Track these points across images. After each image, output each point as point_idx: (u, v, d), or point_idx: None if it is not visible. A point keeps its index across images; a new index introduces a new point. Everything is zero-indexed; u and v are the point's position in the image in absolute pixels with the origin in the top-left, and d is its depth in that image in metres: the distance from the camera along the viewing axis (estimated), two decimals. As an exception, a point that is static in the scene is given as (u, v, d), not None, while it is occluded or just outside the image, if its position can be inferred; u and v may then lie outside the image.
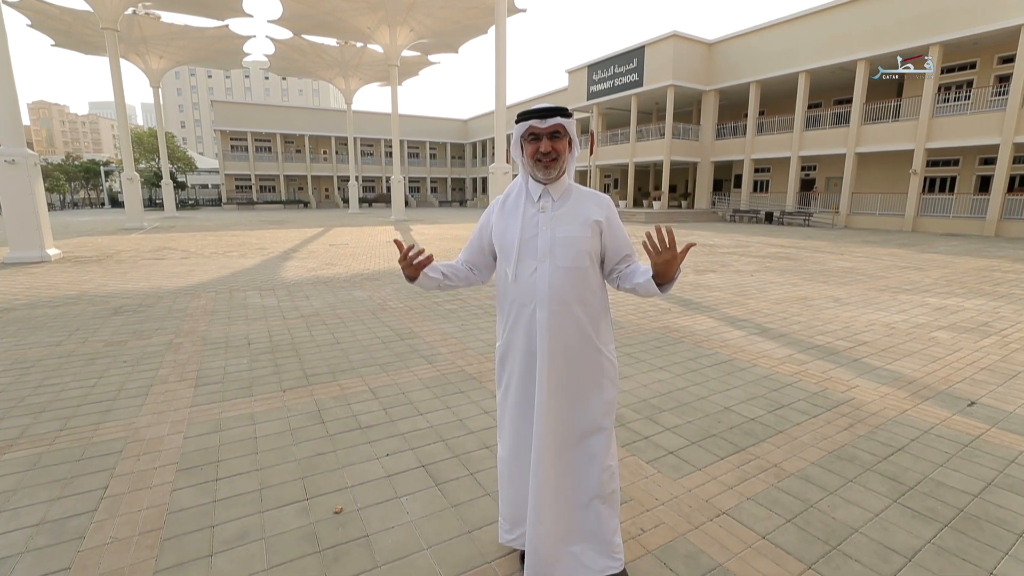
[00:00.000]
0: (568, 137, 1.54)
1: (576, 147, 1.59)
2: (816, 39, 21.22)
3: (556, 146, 1.52)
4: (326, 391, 3.28)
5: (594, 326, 1.57)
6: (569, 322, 1.53)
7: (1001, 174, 16.94)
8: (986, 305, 6.09)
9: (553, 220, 1.55)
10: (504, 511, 1.73)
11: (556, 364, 1.54)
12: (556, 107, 1.51)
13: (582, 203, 1.58)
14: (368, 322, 5.08)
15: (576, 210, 1.56)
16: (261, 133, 44.10)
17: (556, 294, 1.51)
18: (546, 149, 1.50)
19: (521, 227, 1.56)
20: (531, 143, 1.53)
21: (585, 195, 1.61)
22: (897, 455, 2.52)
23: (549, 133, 1.51)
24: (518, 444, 1.63)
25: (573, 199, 1.59)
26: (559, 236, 1.52)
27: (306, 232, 16.90)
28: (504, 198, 1.65)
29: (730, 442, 2.64)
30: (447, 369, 3.70)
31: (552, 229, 1.54)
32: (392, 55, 24.12)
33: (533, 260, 1.54)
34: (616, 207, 1.65)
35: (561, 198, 1.58)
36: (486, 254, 1.72)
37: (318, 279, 7.72)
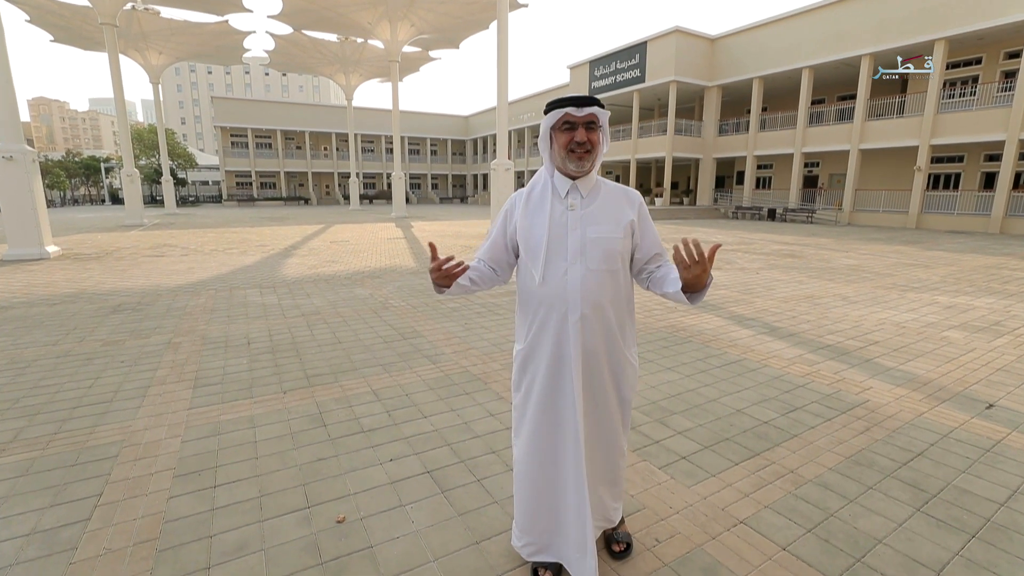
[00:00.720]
0: (601, 129, 1.47)
1: (607, 141, 1.52)
2: (820, 34, 21.04)
3: (591, 137, 1.44)
4: (327, 392, 3.20)
5: (620, 329, 1.53)
6: (601, 326, 1.49)
7: (1007, 171, 16.81)
8: (996, 304, 6.00)
9: (583, 219, 1.47)
10: (520, 518, 1.68)
11: (589, 368, 1.50)
12: (592, 96, 1.44)
13: (613, 200, 1.52)
14: (370, 321, 5.00)
15: (607, 208, 1.50)
16: (261, 129, 43.94)
17: (589, 297, 1.45)
18: (582, 139, 1.43)
19: (549, 226, 1.48)
20: (564, 133, 1.45)
21: (615, 191, 1.54)
22: (917, 460, 2.44)
23: (585, 123, 1.44)
24: (541, 451, 1.57)
25: (603, 196, 1.52)
26: (591, 236, 1.46)
27: (307, 229, 16.81)
28: (528, 193, 1.56)
29: (744, 447, 2.56)
30: (451, 369, 3.62)
31: (583, 229, 1.47)
32: (393, 51, 23.96)
33: (563, 261, 1.46)
34: None
35: (590, 194, 1.51)
36: (508, 252, 1.63)
37: (319, 277, 7.64)
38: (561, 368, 1.51)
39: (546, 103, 1.50)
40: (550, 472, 1.57)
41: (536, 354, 1.54)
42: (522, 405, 1.62)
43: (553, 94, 37.68)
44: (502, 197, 14.99)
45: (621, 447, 1.66)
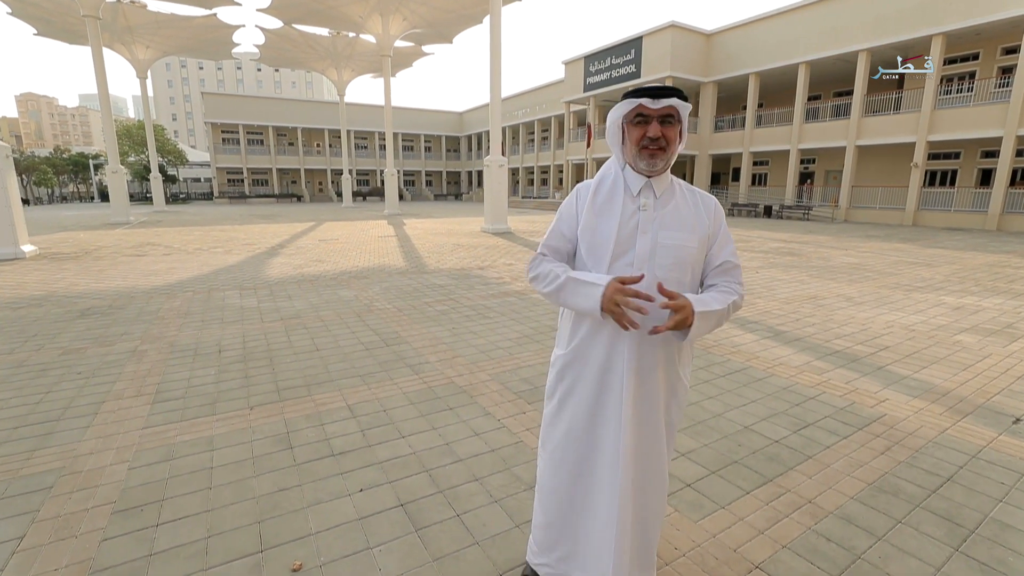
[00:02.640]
0: (680, 125, 1.33)
1: (685, 138, 1.36)
2: (816, 29, 20.82)
3: (667, 133, 1.30)
4: (298, 408, 2.93)
5: (678, 346, 1.40)
6: (662, 340, 1.36)
7: (1004, 167, 16.68)
8: (1005, 304, 5.80)
9: (656, 221, 1.34)
10: (539, 535, 1.56)
11: (642, 385, 1.37)
12: (672, 87, 1.30)
13: (690, 205, 1.38)
14: (352, 325, 4.73)
15: (683, 212, 1.36)
16: (253, 126, 43.36)
17: (652, 308, 1.29)
18: (655, 134, 1.29)
19: (619, 226, 1.34)
20: (638, 126, 1.32)
21: (692, 195, 1.40)
22: (947, 487, 2.20)
23: (661, 116, 1.30)
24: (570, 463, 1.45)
25: (678, 198, 1.38)
26: (663, 242, 1.33)
27: (296, 227, 16.47)
28: (596, 187, 1.41)
29: (754, 471, 2.31)
30: (435, 381, 3.36)
31: (655, 232, 1.34)
32: (385, 45, 23.58)
33: (629, 266, 1.34)
34: None
35: (665, 195, 1.37)
36: (573, 246, 1.46)
37: (303, 277, 7.35)
38: (609, 380, 1.38)
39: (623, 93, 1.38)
40: (579, 491, 1.45)
41: (579, 362, 1.43)
42: (554, 415, 1.50)
43: (548, 90, 37.36)
44: (496, 193, 14.72)
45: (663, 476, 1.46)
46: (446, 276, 7.44)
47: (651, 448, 1.42)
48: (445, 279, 7.19)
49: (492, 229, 14.57)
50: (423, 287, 6.61)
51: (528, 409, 2.92)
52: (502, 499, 2.08)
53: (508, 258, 9.35)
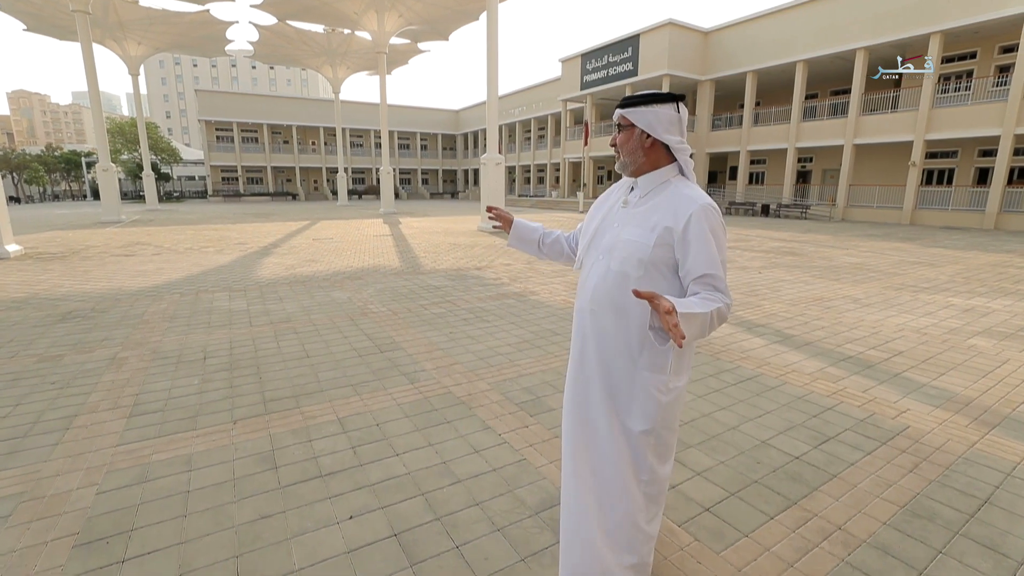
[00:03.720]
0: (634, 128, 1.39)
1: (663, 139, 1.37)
2: (814, 27, 20.71)
3: (617, 137, 1.43)
4: (285, 422, 2.74)
5: (629, 343, 1.38)
6: (605, 331, 1.41)
7: (1001, 166, 16.61)
8: (1016, 306, 5.67)
9: (627, 218, 1.42)
10: None
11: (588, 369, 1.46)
12: (635, 95, 1.38)
13: (665, 204, 1.37)
14: (345, 329, 4.54)
15: (653, 211, 1.38)
16: (247, 123, 42.94)
17: (598, 297, 1.42)
18: (611, 142, 1.46)
19: (602, 218, 1.50)
20: None
21: (676, 196, 1.37)
22: (986, 511, 2.04)
23: (616, 124, 1.44)
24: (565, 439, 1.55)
25: (660, 199, 1.39)
26: (623, 237, 1.40)
27: (291, 226, 16.22)
28: (616, 186, 1.57)
29: (777, 492, 2.14)
30: (431, 390, 3.18)
31: (620, 227, 1.42)
32: (380, 42, 23.31)
33: (595, 254, 1.47)
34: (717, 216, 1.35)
35: (649, 194, 1.42)
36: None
37: (295, 278, 7.14)
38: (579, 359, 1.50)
39: None
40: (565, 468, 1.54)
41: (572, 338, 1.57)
42: None
43: (545, 88, 37.15)
44: (492, 192, 14.52)
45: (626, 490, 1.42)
46: (443, 277, 7.25)
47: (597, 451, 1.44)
48: (442, 280, 7.01)
49: (489, 228, 14.37)
50: (419, 288, 6.42)
51: (531, 423, 2.75)
52: (505, 527, 1.90)
53: (506, 258, 9.16)
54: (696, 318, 1.19)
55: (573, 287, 6.53)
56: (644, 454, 1.41)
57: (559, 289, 6.40)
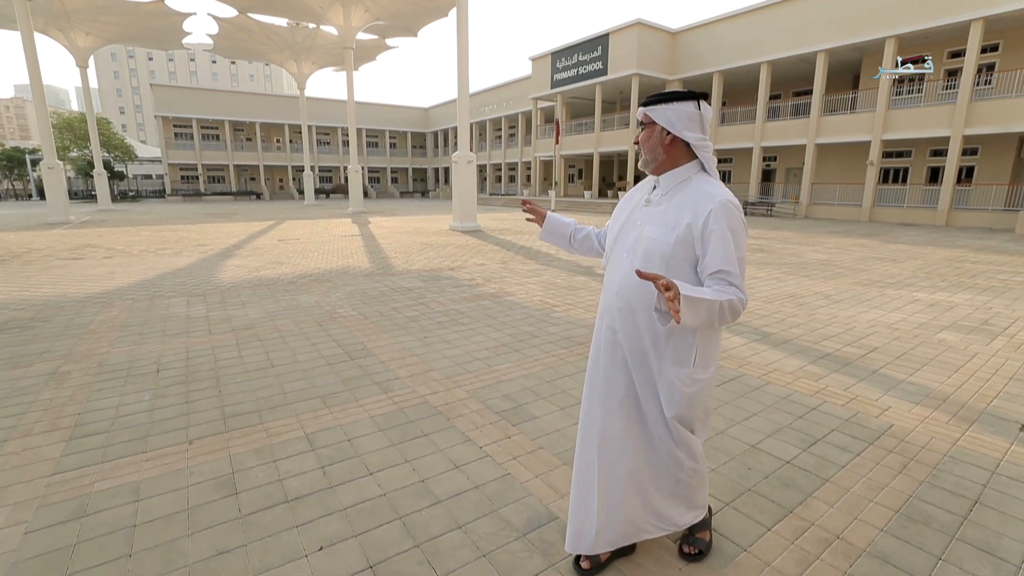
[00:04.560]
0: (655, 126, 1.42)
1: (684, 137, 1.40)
2: (778, 30, 21.24)
3: (640, 135, 1.46)
4: (247, 440, 2.52)
5: (655, 338, 1.43)
6: (629, 327, 1.46)
7: (951, 165, 17.39)
8: (975, 300, 5.85)
9: (649, 215, 1.45)
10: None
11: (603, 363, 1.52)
12: (658, 94, 1.41)
13: (686, 202, 1.39)
14: (313, 336, 4.30)
15: (674, 209, 1.40)
16: (208, 120, 41.38)
17: (623, 294, 1.45)
18: (635, 139, 1.48)
19: (627, 217, 1.53)
20: None
21: (697, 193, 1.39)
22: (978, 512, 2.01)
23: (639, 122, 1.47)
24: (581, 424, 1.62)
25: (681, 196, 1.41)
26: (645, 234, 1.43)
27: (255, 226, 15.62)
28: (643, 183, 1.60)
29: (771, 500, 2.07)
30: (406, 401, 3.00)
31: (644, 225, 1.45)
32: (347, 37, 22.74)
33: (620, 252, 1.50)
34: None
35: (670, 193, 1.44)
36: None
37: (260, 281, 6.80)
38: (596, 353, 1.56)
39: None
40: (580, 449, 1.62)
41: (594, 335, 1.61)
42: None
43: (516, 86, 37.05)
44: (465, 191, 14.31)
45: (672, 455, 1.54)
46: (415, 278, 7.04)
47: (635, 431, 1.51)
48: (414, 281, 6.79)
49: (461, 227, 14.17)
50: (391, 290, 6.19)
51: (513, 433, 2.61)
52: (491, 552, 1.76)
53: (479, 257, 9.00)
54: (702, 304, 1.20)
55: (549, 287, 6.42)
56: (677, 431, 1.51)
57: (535, 289, 6.28)
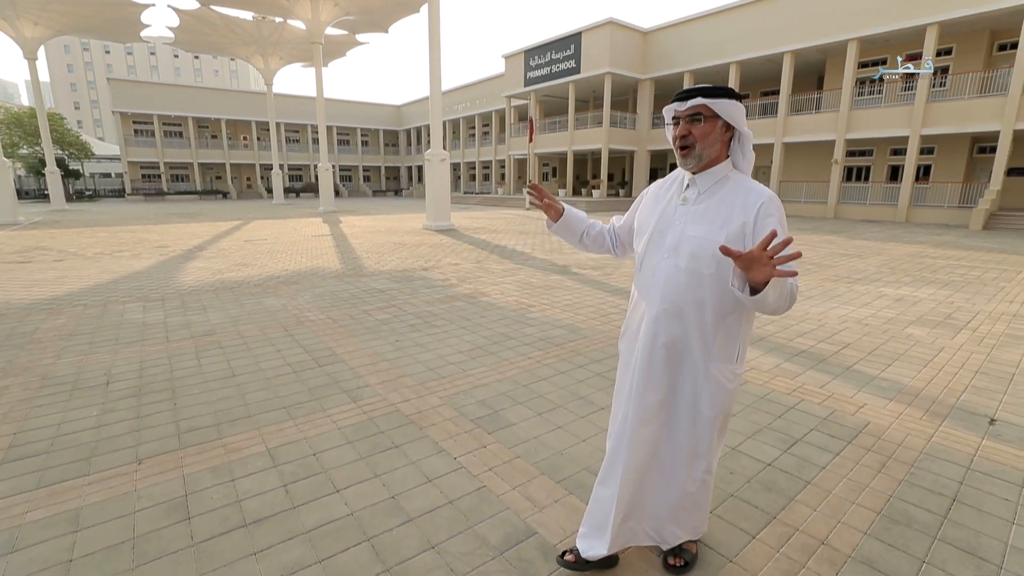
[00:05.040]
0: (718, 120, 1.38)
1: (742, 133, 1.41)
2: (746, 31, 21.66)
3: (694, 130, 1.39)
4: (204, 458, 2.35)
5: (704, 339, 1.42)
6: (679, 329, 1.43)
7: (910, 164, 18.03)
8: (938, 294, 6.02)
9: (690, 215, 1.42)
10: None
11: (659, 371, 1.47)
12: (704, 87, 1.37)
13: (730, 199, 1.39)
14: (278, 342, 4.10)
15: (720, 207, 1.40)
16: (170, 116, 39.85)
17: (669, 295, 1.43)
18: (681, 133, 1.40)
19: (659, 216, 1.49)
20: (674, 127, 1.44)
21: (740, 190, 1.40)
22: (956, 510, 2.00)
23: (688, 116, 1.39)
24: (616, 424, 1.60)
25: (723, 194, 1.41)
26: (689, 234, 1.40)
27: (220, 226, 15.08)
28: (663, 181, 1.58)
29: (755, 506, 2.02)
30: (377, 409, 2.86)
31: (684, 225, 1.42)
32: (315, 32, 22.18)
33: (658, 253, 1.46)
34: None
35: (710, 191, 1.43)
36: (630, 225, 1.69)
37: (223, 284, 6.51)
38: (630, 358, 1.55)
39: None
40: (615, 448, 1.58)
41: (626, 334, 1.61)
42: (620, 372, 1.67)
43: (489, 84, 36.87)
44: (438, 189, 14.11)
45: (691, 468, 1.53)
46: (387, 279, 6.85)
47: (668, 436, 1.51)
48: (386, 282, 6.61)
49: (435, 226, 13.98)
50: (361, 292, 6.01)
51: (489, 442, 2.50)
52: (466, 575, 1.65)
53: (454, 257, 8.85)
54: (778, 285, 1.21)
55: (524, 287, 6.34)
56: (710, 433, 1.50)
57: (510, 289, 6.19)
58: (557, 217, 1.76)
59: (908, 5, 17.33)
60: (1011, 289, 6.37)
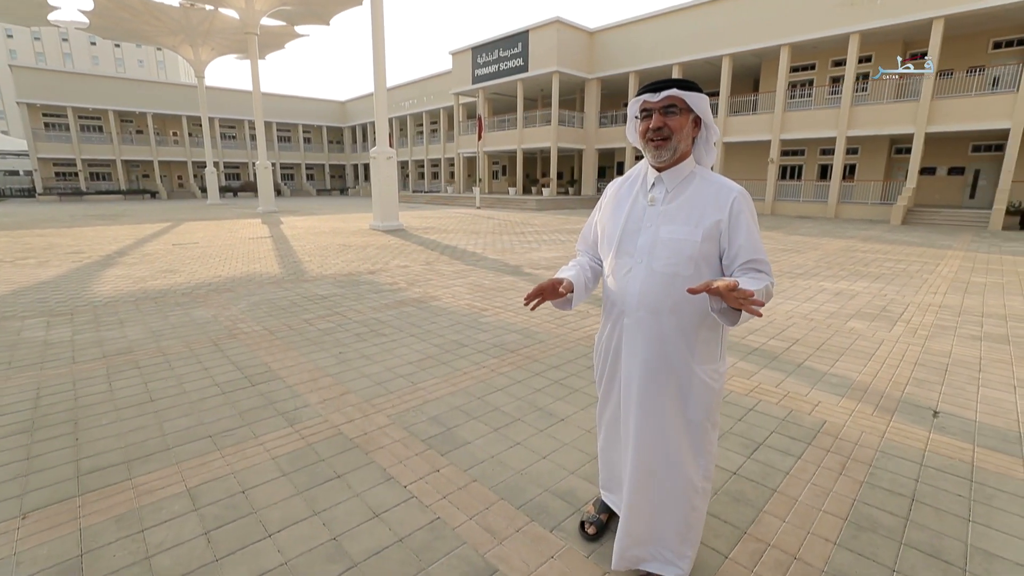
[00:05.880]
0: (690, 113, 1.35)
1: (709, 128, 1.39)
2: (687, 34, 22.36)
3: (670, 122, 1.34)
4: (107, 505, 2.01)
5: (687, 339, 1.39)
6: (660, 333, 1.39)
7: (838, 164, 19.22)
8: (871, 287, 6.33)
9: (661, 216, 1.38)
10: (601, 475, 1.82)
11: (645, 378, 1.43)
12: (674, 79, 1.33)
13: (701, 196, 1.36)
14: (206, 359, 3.70)
15: (691, 205, 1.37)
16: (87, 109, 36.62)
17: (646, 301, 1.39)
18: (656, 124, 1.35)
19: (625, 219, 1.45)
20: (644, 120, 1.39)
21: (709, 186, 1.38)
22: (916, 511, 2.00)
23: (662, 108, 1.34)
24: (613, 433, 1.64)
25: (692, 191, 1.38)
26: (662, 236, 1.36)
27: (145, 229, 13.92)
28: (621, 182, 1.53)
29: (724, 521, 1.93)
30: (317, 433, 2.59)
31: (656, 227, 1.38)
32: (250, 22, 20.97)
33: (630, 258, 1.42)
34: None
35: (677, 189, 1.39)
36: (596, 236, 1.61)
37: (145, 293, 5.92)
38: (615, 369, 1.52)
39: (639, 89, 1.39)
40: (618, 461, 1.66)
41: (601, 343, 1.58)
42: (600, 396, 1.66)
43: (436, 81, 36.26)
44: (385, 188, 13.63)
45: (687, 477, 1.47)
46: (331, 284, 6.47)
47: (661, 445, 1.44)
48: (329, 288, 6.23)
49: (383, 227, 13.51)
50: (302, 299, 5.61)
51: (442, 464, 2.30)
52: (419, 629, 1.45)
53: (402, 259, 8.52)
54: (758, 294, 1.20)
55: (476, 289, 6.14)
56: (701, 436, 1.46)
57: (462, 292, 5.97)
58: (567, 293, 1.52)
59: (833, 15, 18.43)
60: (933, 281, 6.80)
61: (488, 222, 16.21)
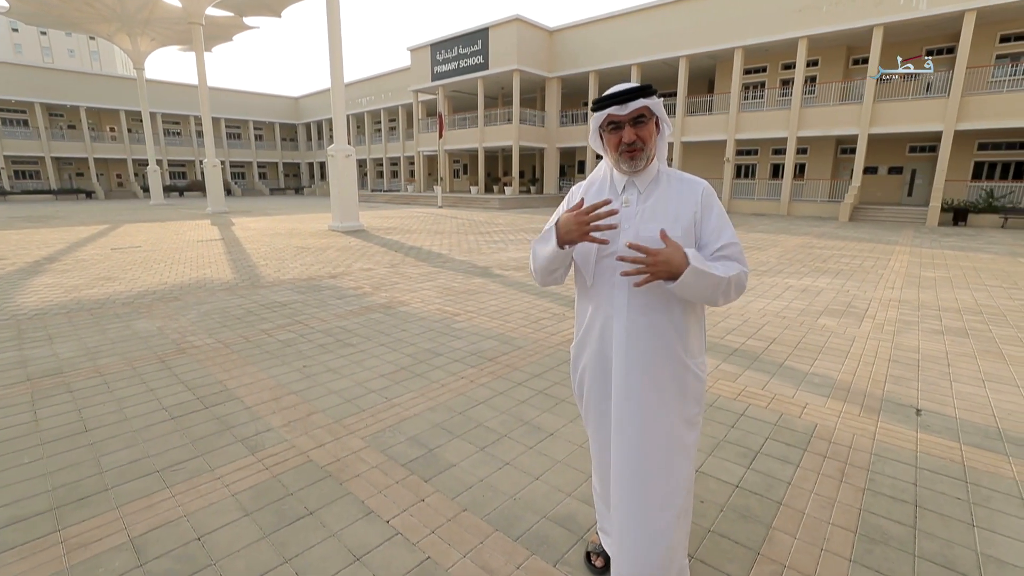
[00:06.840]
0: (655, 118, 1.35)
1: (666, 126, 1.38)
2: (645, 35, 22.70)
3: (641, 133, 1.33)
4: (28, 567, 1.69)
5: (679, 335, 1.38)
6: (650, 334, 1.37)
7: (789, 163, 19.97)
8: (834, 283, 6.50)
9: (639, 216, 1.36)
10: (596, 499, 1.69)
11: (633, 378, 1.38)
12: (638, 87, 1.31)
13: (674, 194, 1.37)
14: (151, 378, 3.33)
15: (667, 203, 1.36)
16: (9, 101, 33.76)
17: (637, 303, 1.36)
18: (630, 139, 1.32)
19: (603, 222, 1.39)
20: (612, 133, 1.36)
21: (679, 183, 1.38)
22: (922, 517, 1.95)
23: (632, 119, 1.32)
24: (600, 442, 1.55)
25: (663, 188, 1.38)
26: (643, 235, 1.34)
27: (79, 232, 12.87)
28: (586, 187, 1.50)
29: (735, 541, 1.82)
30: (283, 462, 2.32)
31: (636, 227, 1.36)
32: (194, 12, 19.80)
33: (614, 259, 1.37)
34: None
35: (649, 188, 1.39)
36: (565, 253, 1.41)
37: (80, 304, 5.37)
38: (605, 374, 1.46)
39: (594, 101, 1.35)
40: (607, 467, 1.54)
41: (584, 354, 1.52)
42: (579, 399, 1.60)
43: (394, 77, 35.46)
44: (344, 187, 13.13)
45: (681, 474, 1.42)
46: (289, 290, 6.08)
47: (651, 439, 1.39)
48: (288, 294, 5.85)
49: (342, 227, 13.00)
50: (259, 307, 5.23)
51: (427, 492, 2.09)
52: None
53: (365, 261, 8.17)
54: (708, 278, 1.23)
55: (446, 292, 5.91)
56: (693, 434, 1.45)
57: (431, 296, 5.73)
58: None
59: (782, 20, 19.13)
60: (888, 276, 7.07)
61: (452, 221, 15.92)
